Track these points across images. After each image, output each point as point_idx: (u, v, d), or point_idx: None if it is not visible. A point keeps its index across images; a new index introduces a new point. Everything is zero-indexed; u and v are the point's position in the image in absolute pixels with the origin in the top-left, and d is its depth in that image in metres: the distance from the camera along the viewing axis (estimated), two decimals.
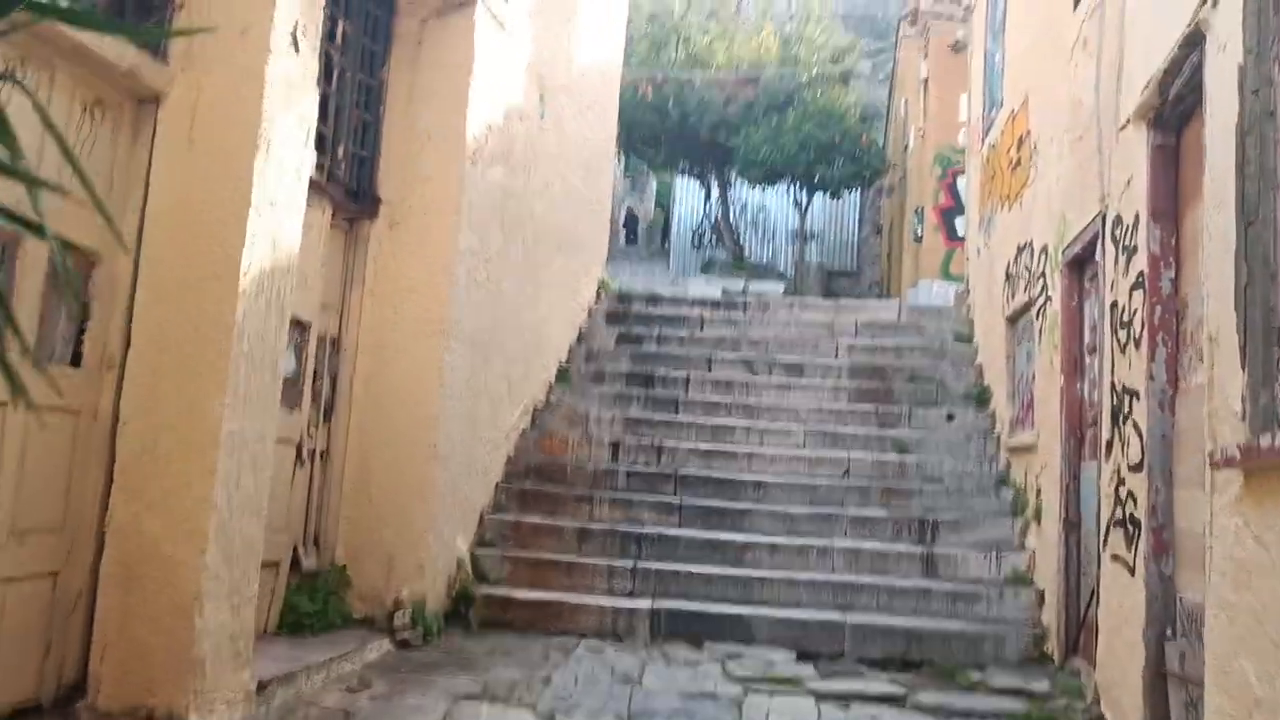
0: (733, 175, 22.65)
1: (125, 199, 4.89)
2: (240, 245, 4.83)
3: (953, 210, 17.32)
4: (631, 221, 34.95)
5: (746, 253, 24.62)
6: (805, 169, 19.19)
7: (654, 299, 12.05)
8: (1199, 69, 4.58)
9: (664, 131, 21.46)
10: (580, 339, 11.10)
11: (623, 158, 34.80)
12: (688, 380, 10.35)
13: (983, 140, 11.14)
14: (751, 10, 25.54)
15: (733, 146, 20.00)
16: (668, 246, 28.17)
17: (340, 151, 6.81)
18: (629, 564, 7.84)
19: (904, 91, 20.96)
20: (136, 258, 4.88)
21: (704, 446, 9.35)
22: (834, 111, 19.65)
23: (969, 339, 11.08)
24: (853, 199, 27.55)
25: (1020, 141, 9.06)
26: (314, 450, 6.77)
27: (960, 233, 17.21)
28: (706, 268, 23.24)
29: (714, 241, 25.67)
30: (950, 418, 9.82)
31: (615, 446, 9.28)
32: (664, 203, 30.83)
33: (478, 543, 8.12)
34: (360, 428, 7.07)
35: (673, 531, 8.23)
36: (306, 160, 5.41)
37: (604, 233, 12.31)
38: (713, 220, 23.70)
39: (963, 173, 17.09)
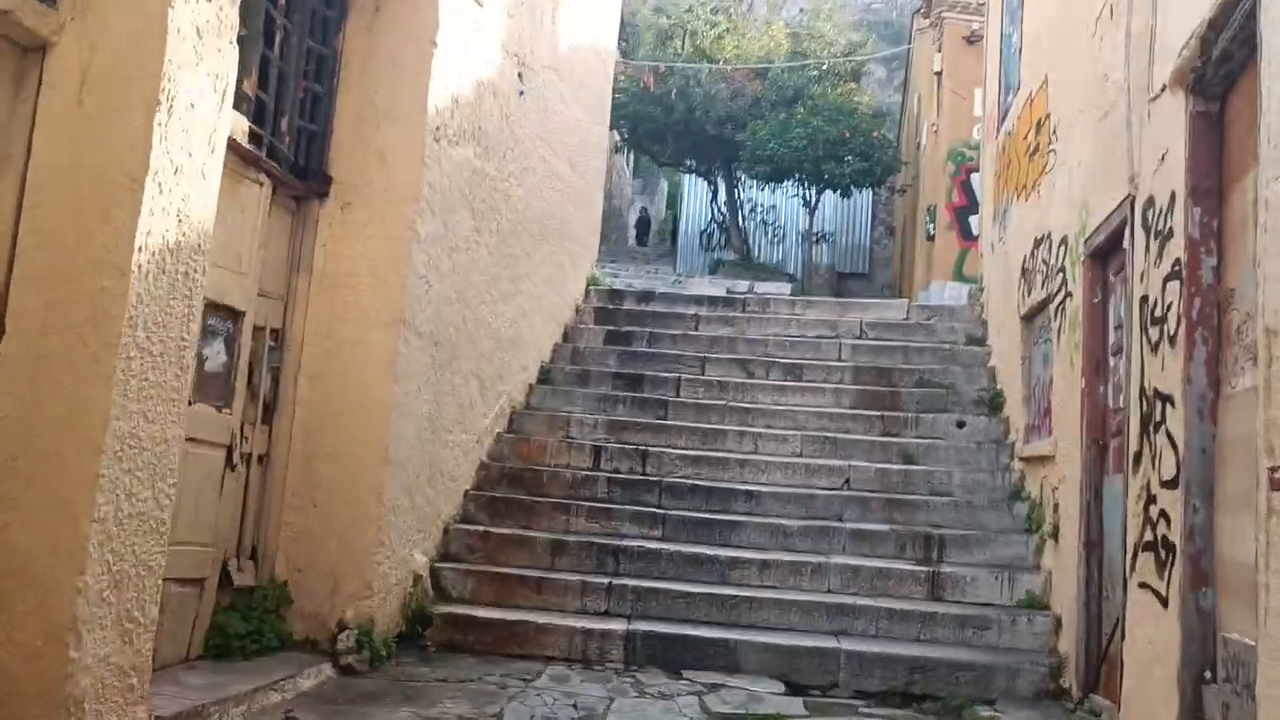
0: (740, 173, 21.99)
1: (3, 164, 4.24)
2: (134, 217, 4.16)
3: (966, 209, 16.60)
4: (644, 223, 34.34)
5: (756, 254, 23.96)
6: (814, 166, 18.49)
7: (647, 296, 11.37)
8: (1251, 17, 3.90)
9: (669, 126, 20.83)
10: (566, 337, 10.43)
11: (632, 158, 34.35)
12: (679, 382, 9.66)
13: (998, 128, 10.43)
14: (762, 5, 24.89)
15: (739, 142, 19.31)
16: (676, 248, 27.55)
17: (284, 124, 6.16)
18: (604, 581, 7.16)
19: (918, 88, 20.26)
20: (15, 230, 4.22)
21: (693, 452, 8.67)
22: (844, 107, 18.97)
23: (982, 340, 10.37)
24: (864, 199, 26.90)
25: (1038, 126, 8.36)
26: (250, 454, 6.10)
27: (975, 232, 16.52)
28: (714, 269, 22.57)
29: (723, 242, 25.01)
30: (961, 424, 9.11)
31: (598, 451, 8.59)
32: (675, 205, 30.23)
33: (441, 556, 7.45)
34: (305, 429, 6.40)
35: (655, 545, 7.55)
36: (224, 124, 4.74)
37: (595, 225, 11.64)
38: (719, 220, 23.00)
39: (977, 170, 16.45)
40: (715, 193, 22.92)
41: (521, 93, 8.41)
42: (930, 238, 17.05)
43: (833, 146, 18.34)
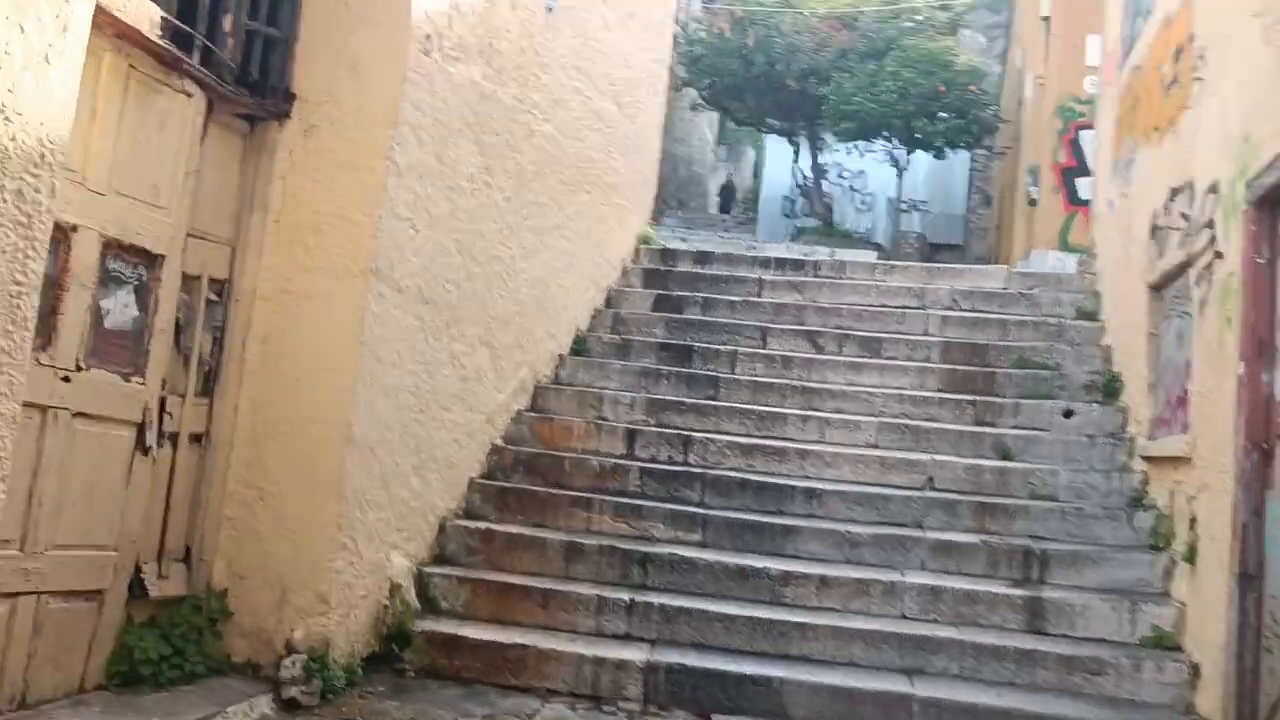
0: (823, 133, 20.38)
1: None
2: None
3: (1074, 170, 14.86)
4: (728, 191, 32.90)
5: (841, 222, 22.34)
6: (904, 123, 16.82)
7: (705, 257, 9.99)
8: None
9: (748, 81, 19.27)
10: (608, 302, 9.12)
11: (716, 123, 32.77)
12: (734, 355, 8.30)
13: (1121, 65, 8.84)
14: None
15: (823, 97, 17.72)
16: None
17: (226, 22, 4.93)
18: (626, 597, 5.87)
19: (1021, 38, 18.46)
20: None
21: (745, 439, 7.31)
22: (939, 58, 17.25)
23: (1094, 315, 8.81)
24: (959, 163, 24.98)
25: (1178, 53, 6.79)
26: (177, 433, 4.92)
27: (1083, 196, 14.81)
28: (796, 237, 21.04)
29: (806, 209, 23.45)
30: (1068, 414, 7.61)
31: (632, 436, 7.29)
32: (759, 174, 28.76)
33: (433, 558, 6.23)
34: (254, 403, 5.21)
35: (691, 552, 6.24)
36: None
37: (648, 177, 10.28)
38: (801, 184, 21.42)
39: (1088, 126, 14.74)
40: (797, 154, 21.32)
41: (550, 8, 7.09)
42: (1032, 202, 15.34)
43: (925, 101, 16.64)
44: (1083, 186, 14.77)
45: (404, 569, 5.75)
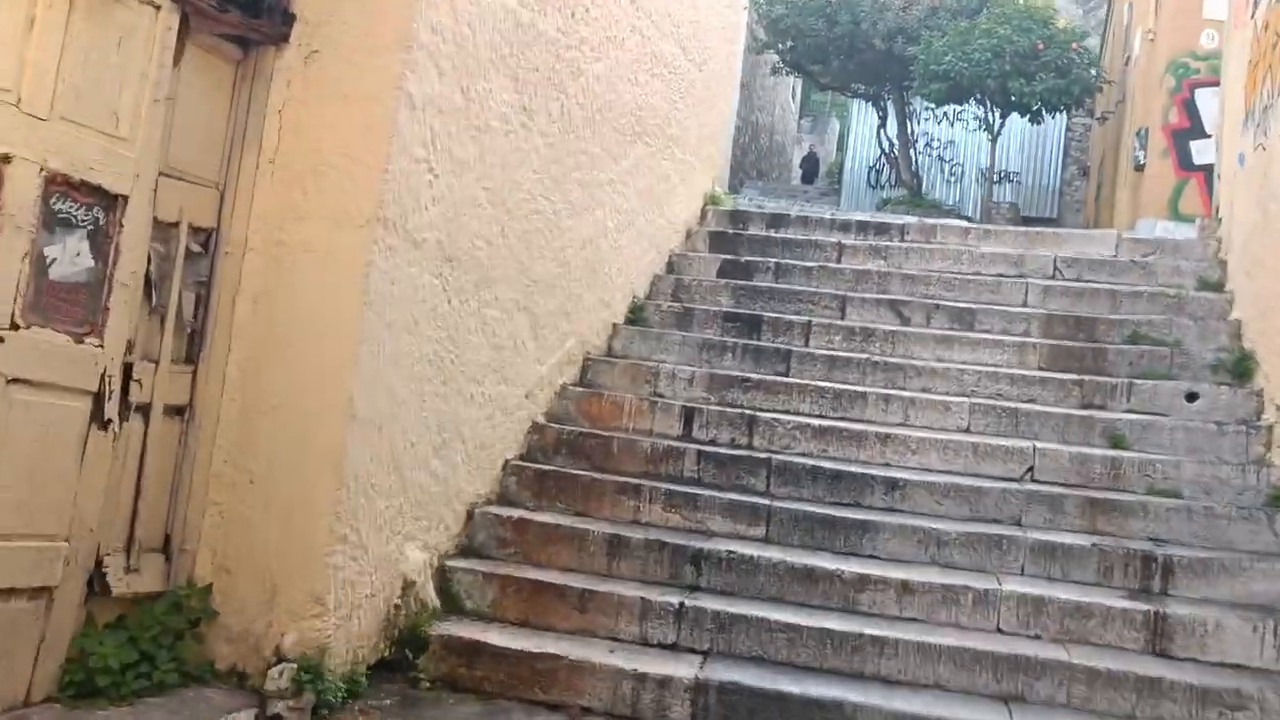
0: (912, 98, 19.27)
1: None
2: None
3: (1188, 132, 13.66)
4: (811, 162, 31.87)
5: (929, 193, 21.21)
6: (999, 83, 15.63)
7: (779, 220, 9.09)
8: None
9: (832, 42, 18.23)
10: (670, 268, 8.30)
11: (798, 92, 31.69)
12: (808, 327, 7.44)
13: (1254, 3, 7.76)
14: None
15: (911, 58, 16.62)
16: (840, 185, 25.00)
17: None
18: (675, 600, 5.08)
19: None
20: None
21: (818, 420, 6.46)
22: (1037, 14, 16.04)
23: (1219, 286, 7.78)
24: (1055, 131, 23.71)
25: None
26: (149, 404, 4.24)
27: (1198, 160, 13.65)
28: (881, 207, 19.98)
29: (893, 179, 22.34)
30: (1192, 397, 6.63)
31: (690, 415, 6.49)
32: (844, 145, 27.69)
33: (459, 550, 5.50)
34: (245, 370, 4.52)
35: (753, 549, 5.42)
36: None
37: (718, 133, 9.44)
38: (888, 151, 20.31)
39: (1205, 84, 13.55)
40: (884, 120, 20.21)
41: None
42: (1139, 167, 14.14)
43: (1022, 60, 15.44)
44: (1198, 150, 13.62)
45: (420, 563, 5.03)
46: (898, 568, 5.35)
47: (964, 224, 10.09)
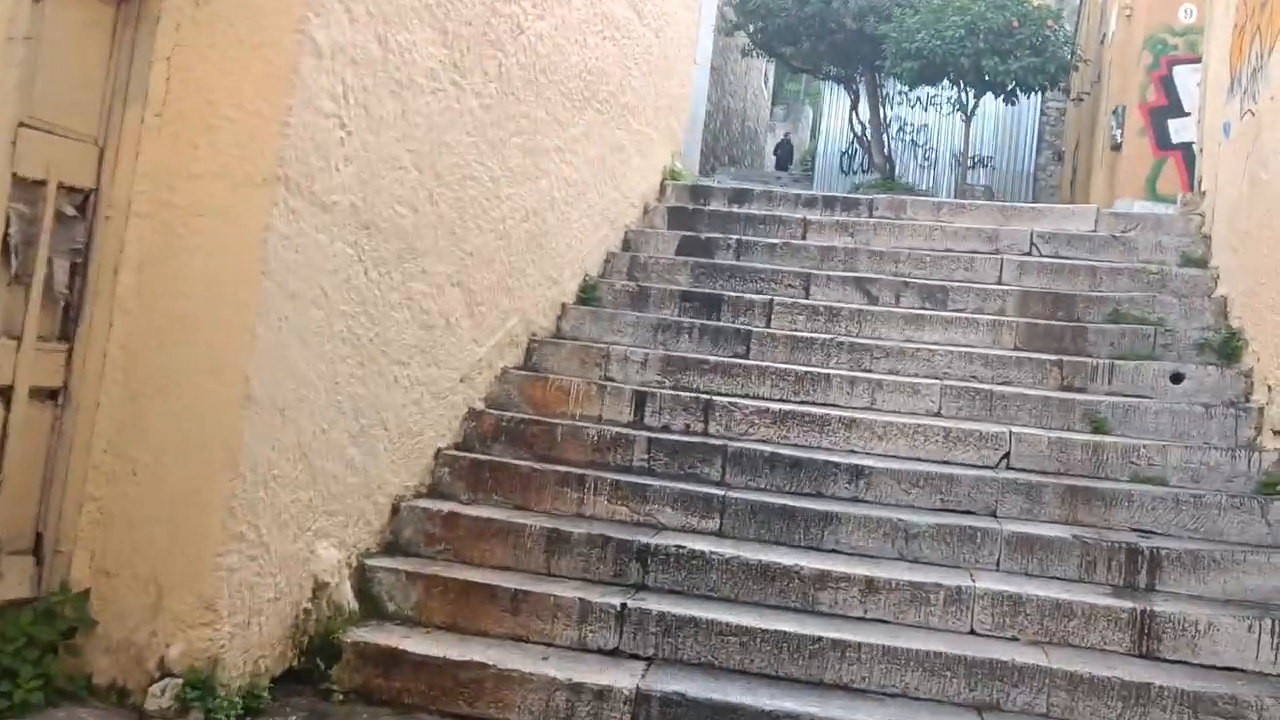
0: (884, 80, 18.83)
1: None
2: None
3: (1165, 110, 13.30)
4: (785, 148, 31.51)
5: (903, 177, 20.81)
6: (973, 62, 15.18)
7: (741, 196, 8.61)
8: None
9: (802, 22, 17.74)
10: (626, 245, 7.83)
11: (771, 79, 31.22)
12: (770, 306, 6.98)
13: None
14: None
15: (884, 37, 16.16)
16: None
17: None
18: (617, 601, 4.62)
19: None
20: None
21: (779, 405, 6.01)
22: None
23: (1202, 262, 7.38)
24: (1029, 114, 23.41)
25: None
26: (10, 387, 3.74)
27: (1175, 139, 13.30)
28: (854, 191, 19.56)
29: (866, 164, 21.92)
30: (1177, 378, 6.23)
31: (641, 399, 6.02)
32: (818, 132, 27.29)
33: (382, 548, 5.02)
34: (129, 349, 4.02)
35: (704, 544, 4.96)
36: None
37: (678, 103, 8.95)
38: (860, 134, 19.85)
39: (1183, 61, 13.19)
40: (856, 103, 19.75)
41: None
42: (1116, 146, 13.77)
43: (997, 38, 15.02)
44: (1176, 129, 13.27)
45: (335, 562, 4.55)
46: (862, 563, 4.91)
47: (936, 199, 9.64)
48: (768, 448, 5.62)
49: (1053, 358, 6.44)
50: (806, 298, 7.19)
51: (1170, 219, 8.08)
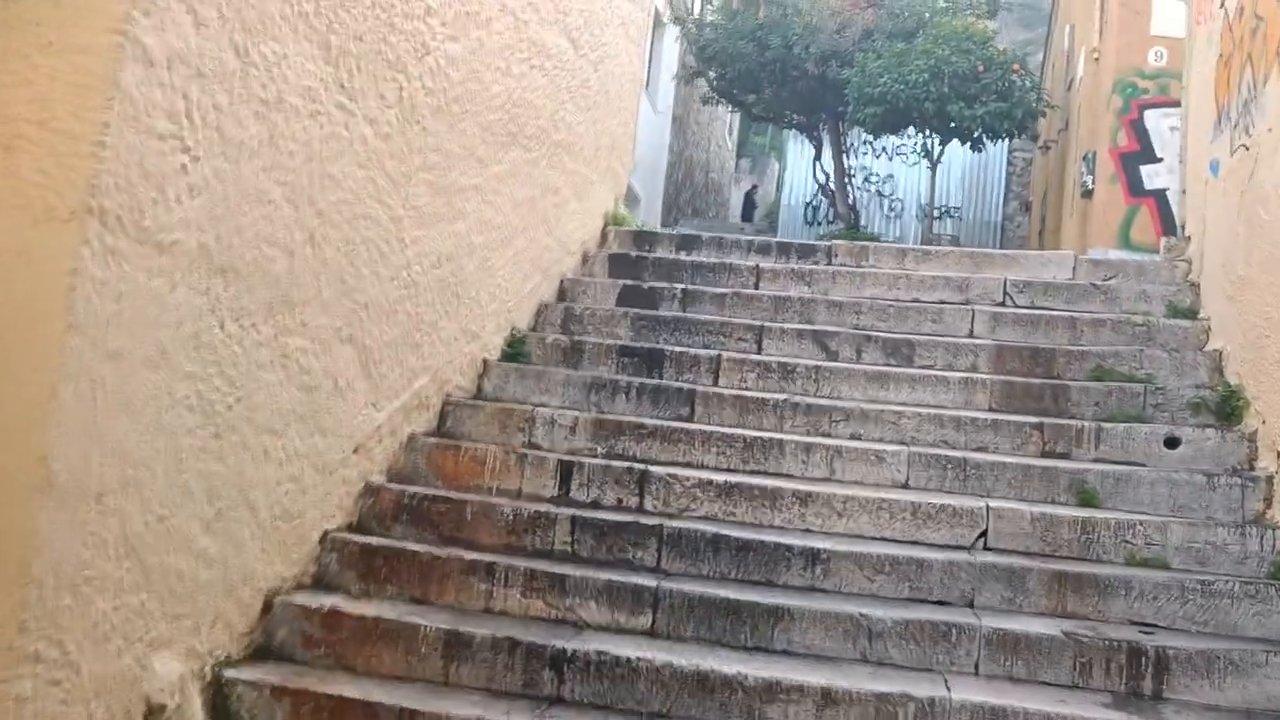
0: (847, 127, 18.32)
1: None
2: None
3: (1137, 155, 12.79)
4: (749, 201, 31.19)
5: (870, 229, 20.31)
6: (938, 106, 14.66)
7: (688, 243, 7.92)
8: None
9: (763, 68, 17.19)
10: (561, 295, 7.12)
11: (735, 131, 30.84)
12: (718, 363, 6.27)
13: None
14: None
15: (846, 81, 15.65)
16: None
17: None
18: None
19: (1069, 13, 16.46)
20: None
21: (725, 476, 5.25)
22: (977, 36, 15.16)
23: (1191, 312, 6.75)
24: (997, 164, 23.13)
25: None
26: None
27: (1148, 185, 12.82)
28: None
29: (831, 216, 21.40)
30: (1172, 443, 5.54)
31: (567, 471, 5.26)
32: (783, 183, 26.89)
33: (250, 653, 4.21)
34: None
35: (633, 648, 4.18)
36: None
37: (621, 143, 8.30)
38: (823, 183, 19.30)
39: (1155, 105, 12.74)
40: (819, 151, 19.22)
41: None
42: (1087, 193, 13.24)
43: (962, 83, 14.52)
44: (1148, 175, 12.78)
45: (177, 678, 3.73)
46: (818, 668, 4.14)
47: (901, 245, 8.99)
48: (711, 527, 4.86)
49: (1033, 420, 5.74)
50: (758, 353, 6.48)
51: (1153, 266, 7.44)
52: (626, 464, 5.30)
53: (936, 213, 20.64)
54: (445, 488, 5.21)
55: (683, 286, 7.12)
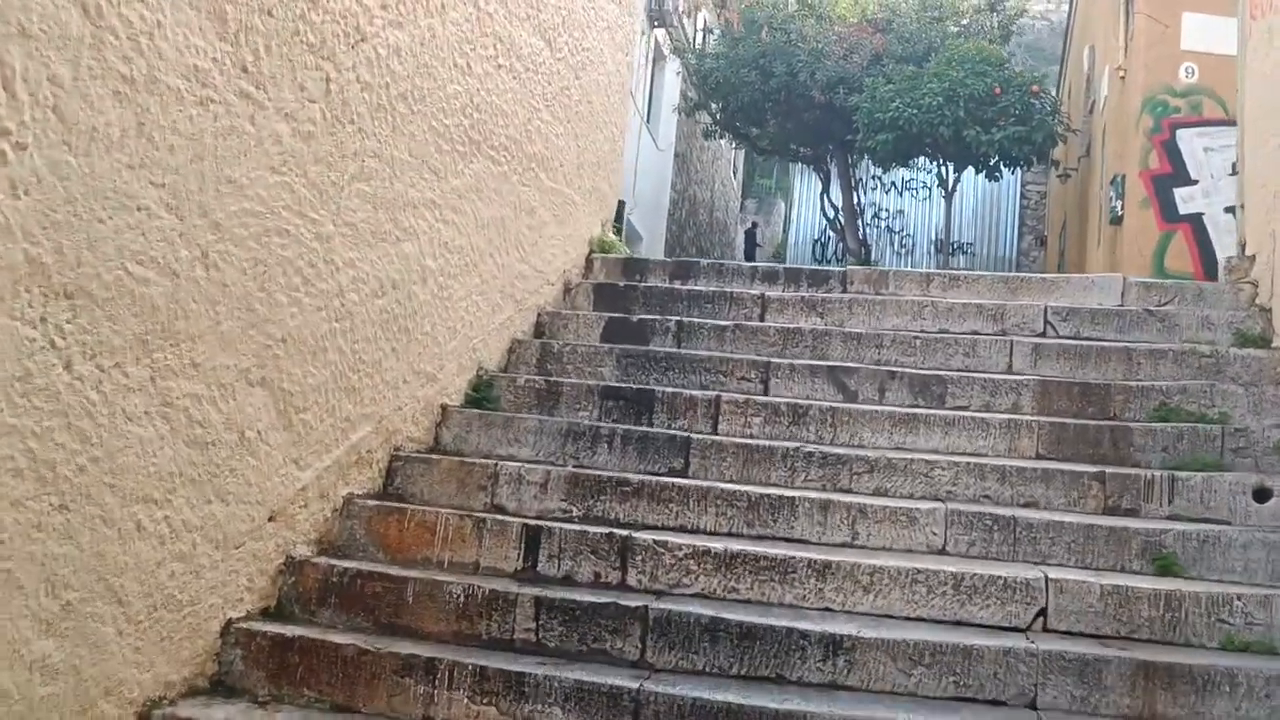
0: (858, 156, 17.51)
1: None
2: None
3: (1170, 178, 11.93)
4: (750, 240, 30.53)
5: (881, 264, 19.47)
6: (953, 132, 13.85)
7: (685, 270, 7.06)
8: None
9: (768, 97, 16.40)
10: (538, 330, 6.25)
11: (740, 169, 30.18)
12: (717, 405, 5.37)
13: None
14: None
15: (854, 108, 14.85)
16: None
17: None
18: None
19: (1088, 33, 15.69)
20: None
21: (725, 543, 4.32)
22: (992, 58, 14.37)
23: (1263, 340, 5.86)
24: (1011, 198, 22.50)
25: None
26: None
27: (1182, 210, 11.97)
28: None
29: (840, 252, 20.59)
30: (1263, 495, 4.62)
31: (534, 539, 4.35)
32: (790, 220, 26.20)
33: None
34: None
35: None
36: None
37: (611, 161, 7.46)
38: (832, 218, 18.48)
39: (1184, 125, 11.93)
40: (827, 185, 18.40)
41: None
42: (1116, 220, 12.37)
43: (978, 106, 13.70)
44: (1183, 198, 11.92)
45: None
46: None
47: (924, 270, 8.12)
48: (707, 609, 3.94)
49: (1091, 469, 4.82)
50: (765, 394, 5.59)
51: (1214, 290, 6.54)
52: (606, 529, 4.38)
53: (950, 249, 19.87)
54: (387, 561, 4.31)
55: (678, 319, 6.23)
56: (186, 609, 3.57)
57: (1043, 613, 4.02)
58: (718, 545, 4.26)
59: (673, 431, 5.19)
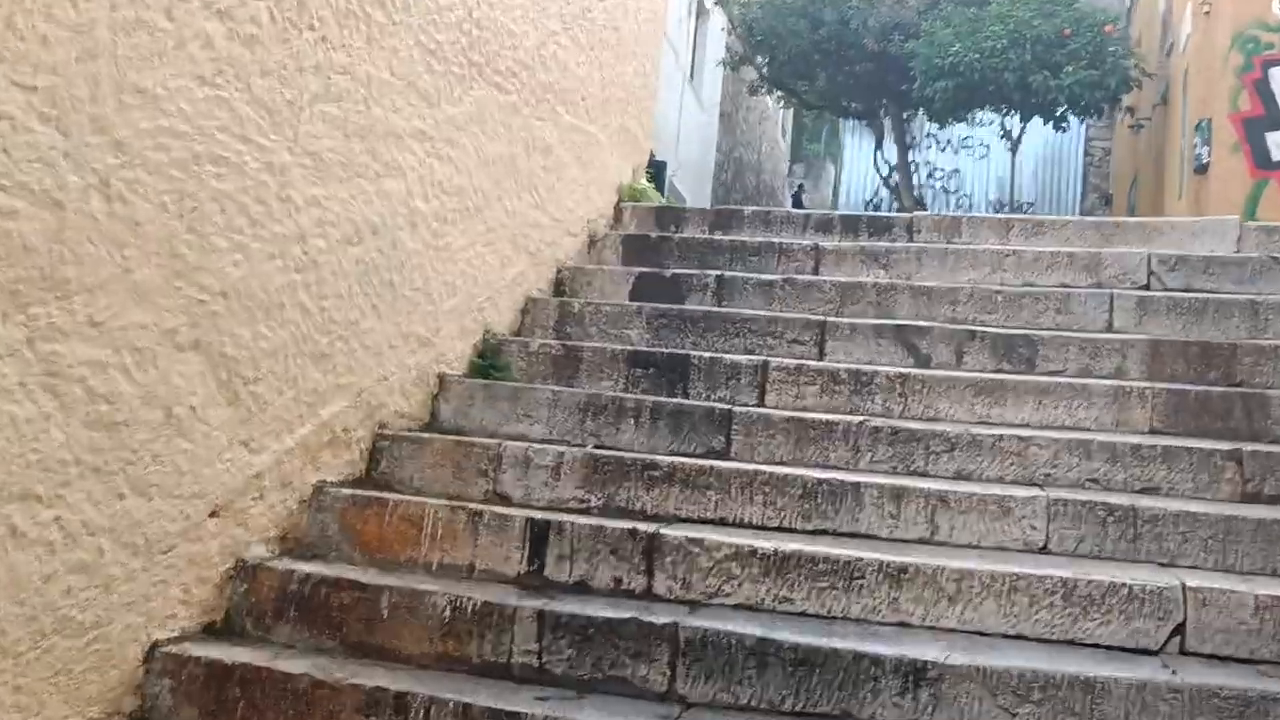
0: (910, 112, 16.50)
1: None
2: None
3: (1262, 121, 10.88)
4: (796, 201, 29.71)
5: None
6: (1018, 78, 12.81)
7: (726, 220, 6.21)
8: None
9: (817, 47, 15.46)
10: (558, 288, 5.45)
11: (789, 129, 29.16)
12: (764, 372, 4.55)
13: None
14: None
15: (909, 55, 13.85)
16: None
17: None
18: None
19: None
20: None
21: (775, 540, 3.50)
22: None
23: None
24: (1075, 152, 21.32)
25: None
26: None
27: (1276, 156, 10.92)
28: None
29: (894, 209, 19.63)
30: None
31: (541, 536, 3.56)
32: (840, 181, 25.29)
33: None
34: None
35: None
36: None
37: (643, 98, 6.61)
38: (885, 176, 17.50)
39: (1278, 63, 10.88)
40: (880, 142, 17.41)
41: None
42: (1201, 168, 11.31)
43: (1046, 49, 12.66)
44: (1276, 144, 10.87)
45: None
46: None
47: (1003, 215, 7.21)
48: (754, 626, 3.13)
49: (1222, 446, 3.94)
50: (820, 358, 4.76)
51: None
52: (629, 524, 3.58)
53: (1008, 208, 18.83)
54: (364, 563, 3.55)
55: (717, 273, 5.39)
56: (90, 633, 2.82)
57: (1179, 629, 3.17)
58: (765, 544, 3.44)
59: (711, 404, 4.36)
